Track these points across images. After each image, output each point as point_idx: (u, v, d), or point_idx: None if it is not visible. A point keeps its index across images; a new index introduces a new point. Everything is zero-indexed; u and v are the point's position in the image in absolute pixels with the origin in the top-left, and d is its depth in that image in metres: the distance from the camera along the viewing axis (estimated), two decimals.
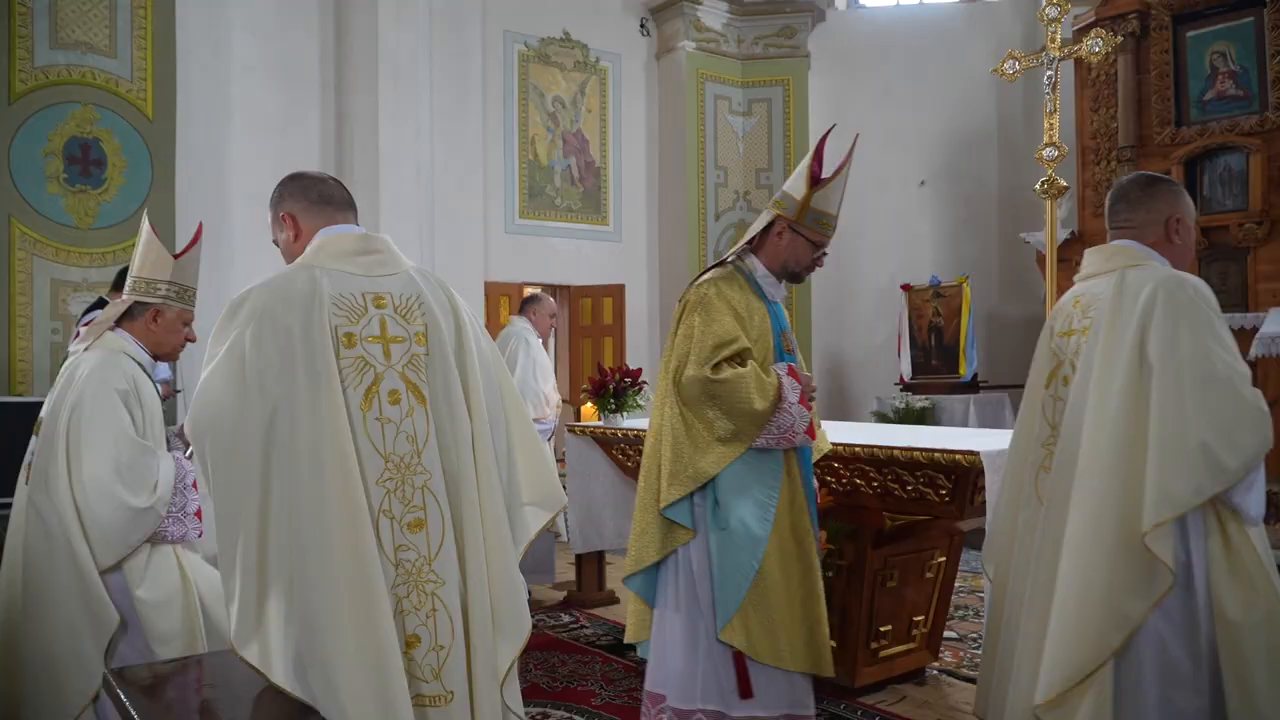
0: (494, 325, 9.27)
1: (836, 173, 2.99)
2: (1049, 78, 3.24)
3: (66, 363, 2.94)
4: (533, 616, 5.42)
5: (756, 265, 3.11)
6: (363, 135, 8.01)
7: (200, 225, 3.17)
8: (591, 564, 5.71)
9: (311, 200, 2.20)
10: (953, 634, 4.92)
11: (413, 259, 7.28)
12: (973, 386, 9.22)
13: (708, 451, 2.82)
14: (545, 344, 6.35)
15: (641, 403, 5.41)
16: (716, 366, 2.83)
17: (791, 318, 11.20)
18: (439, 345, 2.09)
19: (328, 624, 1.84)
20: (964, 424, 8.62)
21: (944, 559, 4.27)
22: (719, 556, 2.83)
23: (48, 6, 6.20)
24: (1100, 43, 3.16)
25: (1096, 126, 8.98)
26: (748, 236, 3.13)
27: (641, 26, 10.41)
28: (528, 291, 10.47)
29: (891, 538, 3.93)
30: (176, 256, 3.02)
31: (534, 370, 6.04)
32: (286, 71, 7.95)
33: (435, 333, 2.09)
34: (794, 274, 3.13)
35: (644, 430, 4.86)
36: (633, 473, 5.06)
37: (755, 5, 10.51)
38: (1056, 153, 3.20)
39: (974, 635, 4.97)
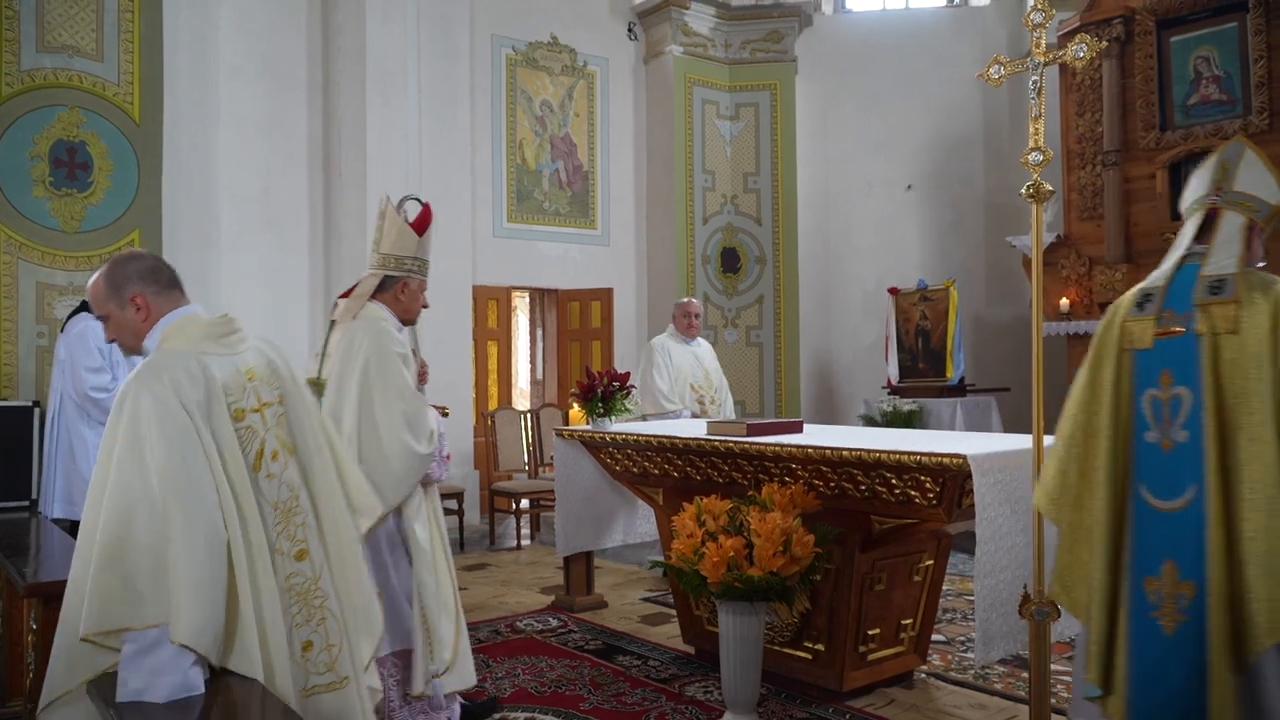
0: (482, 329, 9.27)
1: None
2: (1034, 83, 3.25)
3: (336, 331, 3.32)
4: (520, 621, 5.42)
5: None
6: (350, 138, 8.01)
7: (428, 204, 3.47)
8: (580, 568, 5.71)
9: (162, 285, 2.38)
10: (940, 637, 4.94)
11: None
12: (959, 390, 9.26)
13: None
14: (694, 339, 6.62)
15: (629, 406, 5.42)
16: None
17: (778, 322, 11.18)
18: (293, 401, 2.43)
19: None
20: (951, 427, 8.65)
21: (932, 562, 4.28)
22: None
23: (34, 10, 6.17)
24: (1085, 48, 3.17)
25: (1082, 131, 9.04)
26: (1240, 243, 2.67)
27: (629, 31, 10.43)
28: (515, 295, 10.49)
29: (879, 541, 3.94)
30: (419, 233, 3.37)
31: (651, 371, 6.35)
32: (274, 74, 7.93)
33: (286, 391, 2.43)
34: None
35: (632, 434, 4.87)
36: (620, 476, 5.06)
37: (742, 10, 10.54)
38: (1042, 157, 3.21)
39: (962, 638, 4.99)
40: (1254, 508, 2.41)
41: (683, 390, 6.33)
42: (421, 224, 3.40)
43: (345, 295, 3.45)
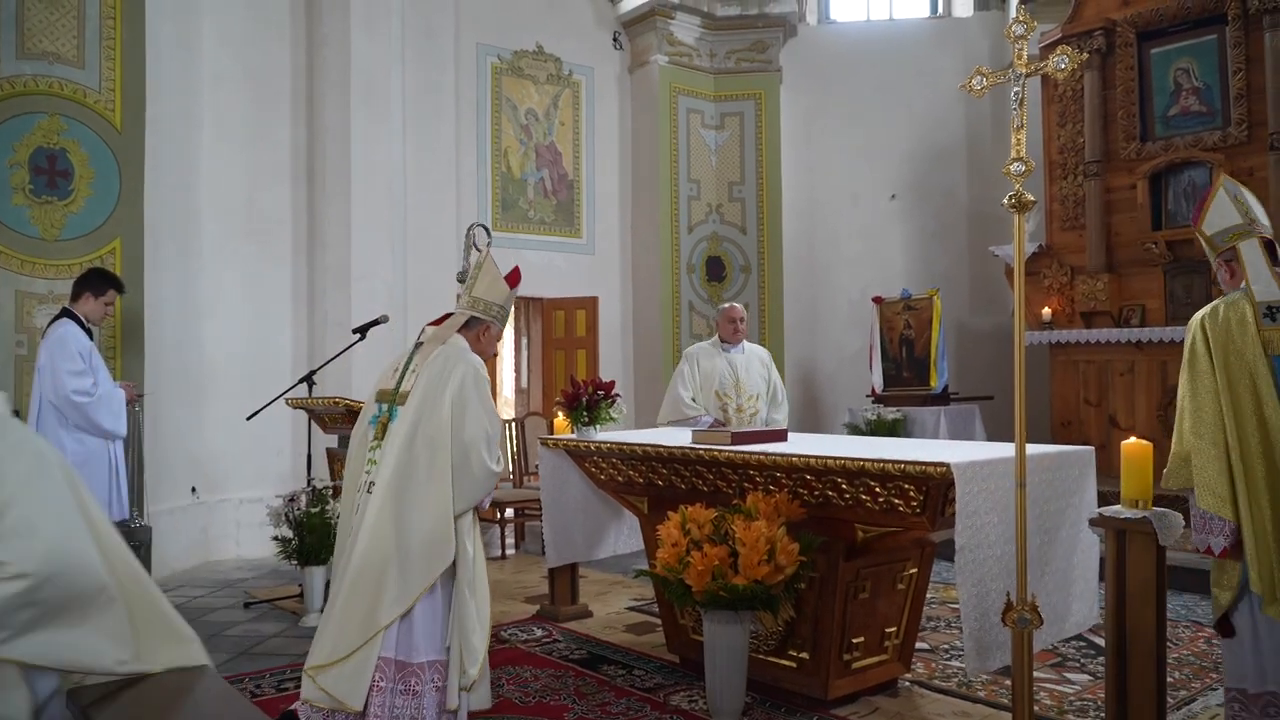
0: None
1: None
2: (1016, 94, 3.26)
3: (421, 353, 3.52)
4: (504, 631, 5.41)
5: None
6: (334, 147, 7.98)
7: (518, 267, 3.82)
8: (565, 578, 5.69)
9: None
10: (924, 645, 4.94)
11: (385, 271, 7.28)
12: (943, 398, 9.29)
13: None
14: (737, 345, 6.50)
15: (614, 415, 5.40)
16: None
17: (763, 330, 11.19)
18: None
19: None
20: (935, 435, 8.68)
21: (915, 571, 4.29)
22: None
23: (14, 16, 6.13)
24: (1066, 60, 3.19)
25: (1064, 141, 9.10)
26: None
27: (614, 40, 10.45)
28: None
29: (863, 549, 3.95)
30: (511, 286, 3.67)
31: (676, 381, 6.43)
32: (258, 82, 7.91)
33: None
34: None
35: (616, 443, 4.86)
36: (605, 485, 5.05)
37: (727, 20, 10.58)
38: (1024, 167, 3.22)
39: (946, 646, 5.00)
40: None
41: (708, 397, 6.34)
42: (514, 280, 3.72)
43: (434, 324, 3.74)
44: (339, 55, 7.98)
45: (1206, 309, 3.25)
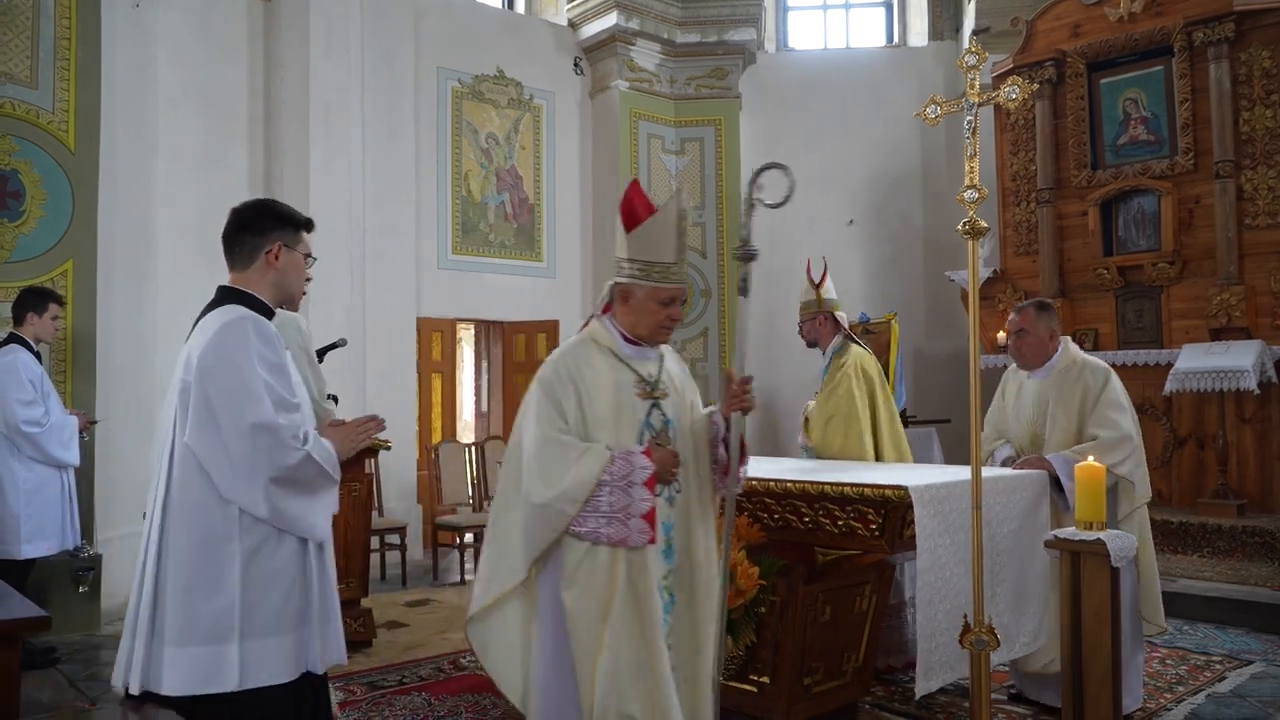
0: (426, 361, 9.20)
1: None
2: (969, 123, 3.33)
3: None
4: (463, 658, 5.32)
5: None
6: (292, 170, 7.93)
7: (629, 193, 2.96)
8: None
9: None
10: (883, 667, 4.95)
11: (343, 295, 7.16)
12: (902, 421, 9.36)
13: None
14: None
15: None
16: None
17: (723, 355, 11.17)
18: None
19: None
20: None
21: (875, 594, 4.31)
22: None
23: None
24: (1016, 90, 3.26)
25: (1016, 169, 9.28)
26: None
27: (575, 65, 10.51)
28: (460, 327, 10.43)
29: (823, 573, 3.96)
30: (627, 229, 2.89)
31: None
32: (214, 104, 7.84)
33: None
34: None
35: None
36: None
37: (687, 47, 10.68)
38: (977, 195, 3.28)
39: (903, 669, 5.02)
40: None
41: None
42: (624, 213, 2.95)
43: None
44: (297, 78, 7.95)
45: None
